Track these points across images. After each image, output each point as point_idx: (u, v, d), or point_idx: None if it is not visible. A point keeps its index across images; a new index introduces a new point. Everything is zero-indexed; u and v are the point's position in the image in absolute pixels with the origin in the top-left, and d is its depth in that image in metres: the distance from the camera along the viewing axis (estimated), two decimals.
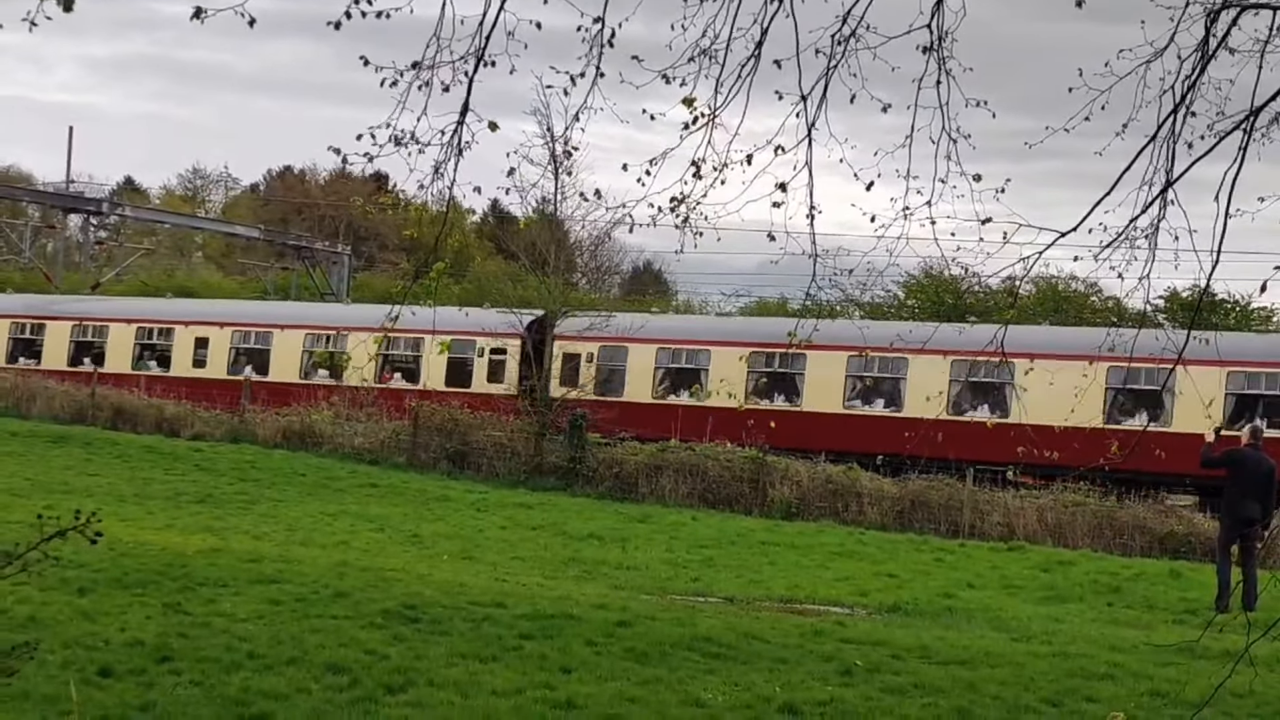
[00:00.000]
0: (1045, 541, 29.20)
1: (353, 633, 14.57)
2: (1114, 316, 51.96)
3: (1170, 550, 28.64)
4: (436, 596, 17.03)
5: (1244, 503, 21.61)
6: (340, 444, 38.35)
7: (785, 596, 20.92)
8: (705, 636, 15.56)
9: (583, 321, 39.70)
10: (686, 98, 9.91)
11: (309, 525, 25.82)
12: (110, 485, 29.38)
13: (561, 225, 40.93)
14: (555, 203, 37.42)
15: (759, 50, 9.97)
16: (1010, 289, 18.45)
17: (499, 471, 36.14)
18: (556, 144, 11.90)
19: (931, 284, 59.67)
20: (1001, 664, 15.32)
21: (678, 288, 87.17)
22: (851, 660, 14.89)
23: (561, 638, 15.02)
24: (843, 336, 31.51)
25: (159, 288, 65.62)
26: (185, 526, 24.10)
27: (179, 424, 41.16)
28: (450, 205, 10.37)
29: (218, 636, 13.99)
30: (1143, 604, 22.12)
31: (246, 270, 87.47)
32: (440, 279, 11.87)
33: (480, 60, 9.51)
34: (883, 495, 32.18)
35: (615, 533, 27.30)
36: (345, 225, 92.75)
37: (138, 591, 16.17)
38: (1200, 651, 15.26)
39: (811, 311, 15.19)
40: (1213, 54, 10.24)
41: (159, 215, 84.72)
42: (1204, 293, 11.85)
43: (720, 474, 33.79)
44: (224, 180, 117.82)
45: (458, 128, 9.74)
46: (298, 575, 17.95)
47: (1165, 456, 25.59)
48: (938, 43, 10.10)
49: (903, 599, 20.94)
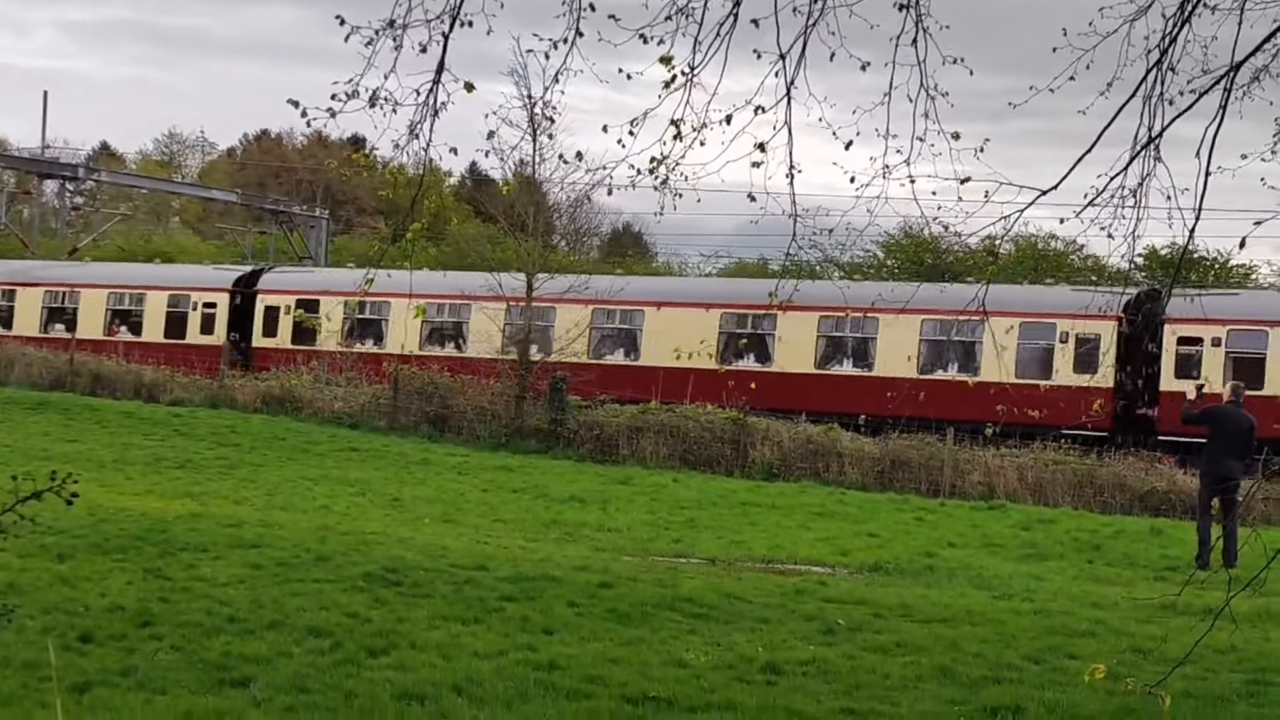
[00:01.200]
0: (1026, 500, 29.27)
1: (334, 596, 14.54)
2: (1094, 275, 52.03)
3: (1151, 507, 28.73)
4: (418, 559, 17.02)
5: (1223, 460, 21.65)
6: (320, 408, 38.30)
7: (767, 557, 20.94)
8: (687, 597, 15.57)
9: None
10: (664, 56, 9.85)
11: (289, 490, 25.78)
12: (90, 451, 29.31)
13: (540, 188, 40.78)
14: (534, 165, 37.32)
15: (737, 8, 9.91)
16: (990, 248, 18.42)
17: (480, 434, 36.11)
18: (535, 106, 11.83)
19: (911, 244, 59.71)
20: (983, 622, 15.34)
21: (657, 249, 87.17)
22: (833, 619, 14.91)
23: (543, 599, 15.01)
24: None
25: (136, 253, 65.43)
26: (165, 492, 24.05)
27: (158, 389, 41.07)
28: (427, 166, 10.30)
29: (198, 601, 13.96)
30: (1123, 561, 22.17)
31: (224, 235, 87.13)
32: (417, 241, 11.80)
33: (456, 19, 9.43)
34: (863, 455, 32.22)
35: (596, 495, 27.31)
36: (323, 189, 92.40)
37: (118, 557, 16.12)
38: (1181, 608, 15.28)
39: (791, 272, 15.09)
40: (1193, 9, 10.20)
41: (135, 180, 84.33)
42: (1184, 250, 11.83)
43: (701, 435, 33.81)
44: (200, 145, 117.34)
45: (433, 87, 9.68)
46: (278, 540, 17.92)
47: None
48: (915, 0, 10.05)
49: (884, 558, 20.96)
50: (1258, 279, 58.77)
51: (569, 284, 38.21)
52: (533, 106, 13.29)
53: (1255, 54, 10.64)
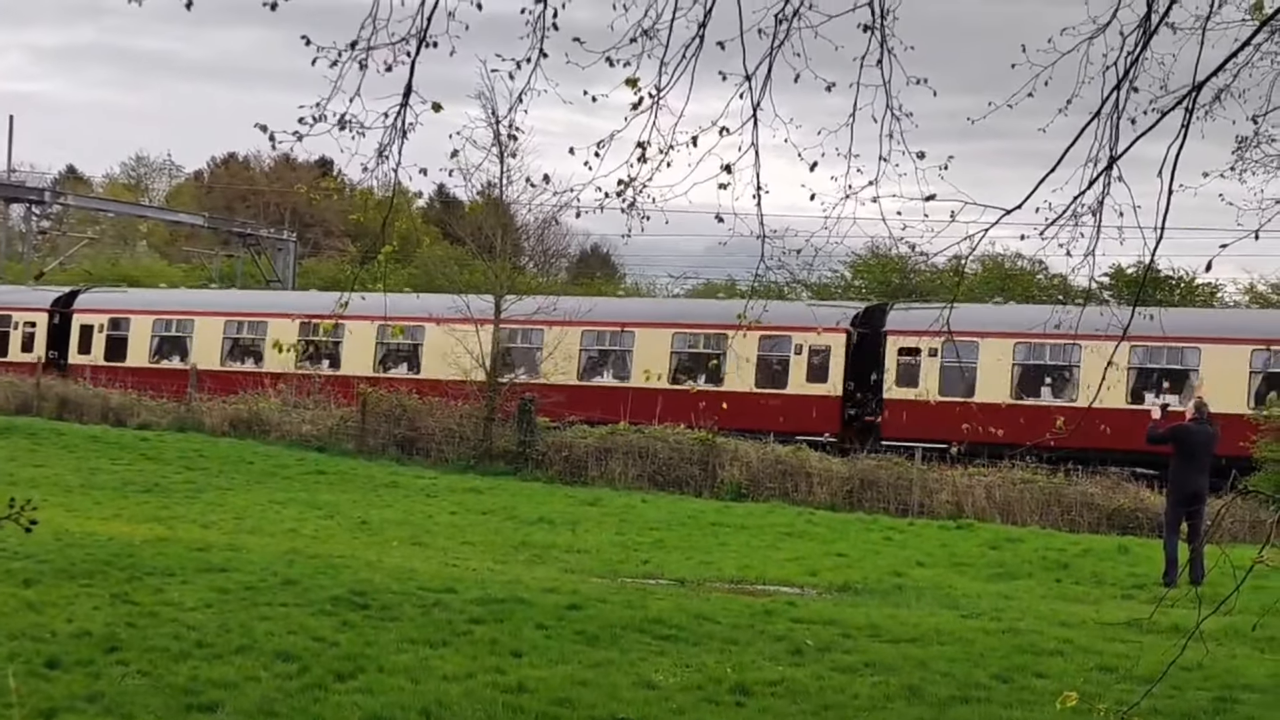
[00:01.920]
0: (994, 519, 29.35)
1: (302, 620, 14.50)
2: (1060, 294, 52.22)
3: (1118, 526, 28.84)
4: (386, 583, 16.98)
5: (1190, 477, 21.73)
6: (288, 431, 38.21)
7: (736, 577, 20.95)
8: (656, 618, 15.56)
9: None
10: (630, 79, 9.86)
11: (257, 513, 25.71)
12: (56, 476, 29.19)
13: (508, 209, 40.81)
14: (501, 187, 37.35)
15: (702, 30, 9.93)
16: (956, 268, 18.49)
17: (448, 457, 36.08)
18: (501, 126, 11.86)
19: (878, 264, 59.83)
20: (951, 641, 15.37)
21: (626, 271, 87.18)
22: (802, 640, 14.92)
23: (512, 622, 14.99)
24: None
25: (103, 277, 65.24)
26: (132, 516, 23.96)
27: (125, 413, 40.94)
28: (396, 189, 10.30)
29: (165, 626, 13.90)
30: (1091, 580, 22.23)
31: (191, 258, 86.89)
32: (388, 263, 11.81)
33: (422, 41, 9.44)
34: (832, 475, 32.27)
35: (565, 516, 27.29)
36: (290, 212, 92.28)
37: (85, 582, 16.05)
38: (1148, 626, 15.37)
39: (758, 291, 15.11)
40: (1155, 29, 10.26)
41: (102, 204, 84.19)
42: (1148, 269, 11.88)
43: (670, 456, 33.82)
44: (168, 168, 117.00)
45: (401, 109, 9.68)
46: (246, 563, 17.86)
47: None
48: (879, 21, 10.09)
49: (853, 578, 20.99)
50: (1223, 297, 59.01)
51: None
52: (498, 127, 13.32)
53: (1217, 74, 10.71)
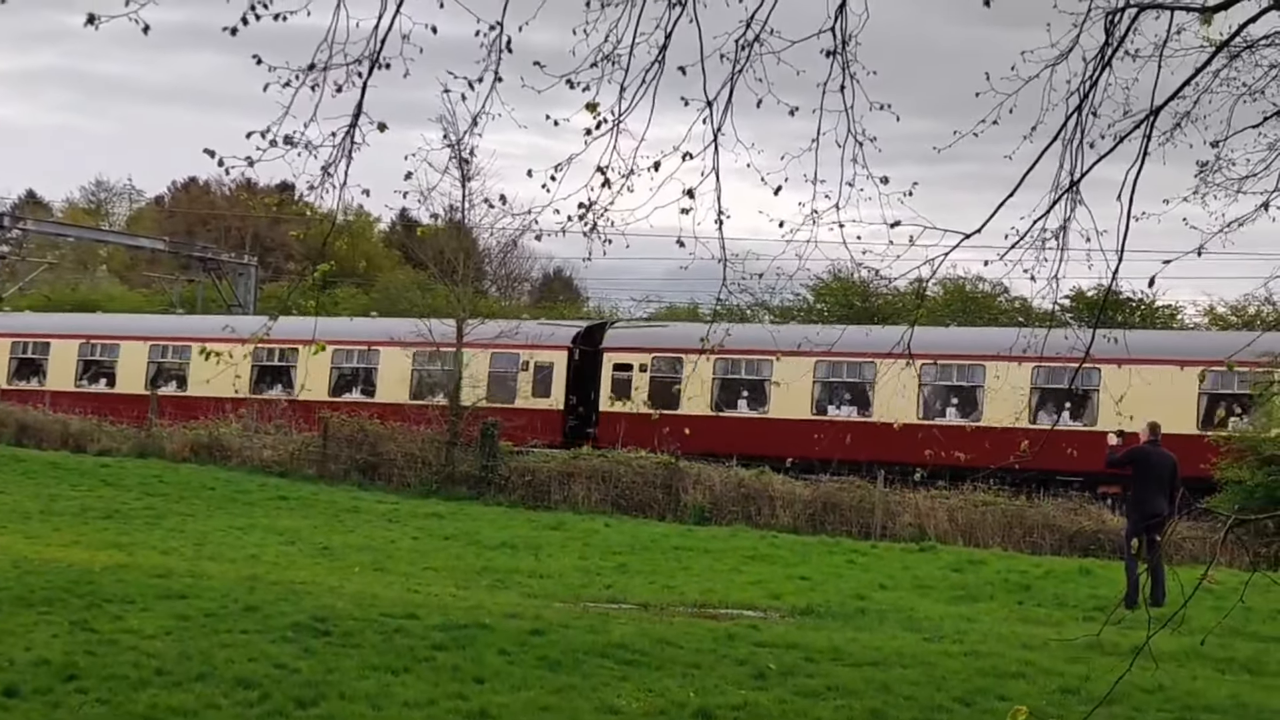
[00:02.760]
0: (956, 541, 29.42)
1: (262, 647, 14.42)
2: (1021, 316, 52.45)
3: (1080, 548, 28.93)
4: (348, 609, 16.91)
5: (1149, 499, 21.80)
6: (249, 456, 38.05)
7: (699, 601, 20.92)
8: (619, 643, 15.53)
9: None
10: (590, 103, 9.87)
11: (218, 539, 25.57)
12: (15, 502, 28.96)
13: (469, 233, 40.84)
14: (463, 210, 37.34)
15: (663, 55, 9.95)
16: (918, 290, 18.55)
17: (410, 482, 35.98)
18: (459, 148, 11.89)
19: (840, 287, 59.98)
20: (914, 664, 15.39)
21: (589, 294, 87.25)
22: (765, 664, 14.91)
23: (474, 647, 14.94)
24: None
25: (62, 302, 64.98)
26: (92, 543, 23.80)
27: (85, 439, 40.69)
28: (339, 208, 10.24)
29: (125, 654, 13.80)
30: (1053, 602, 22.28)
31: (151, 283, 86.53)
32: (322, 278, 11.66)
33: (375, 63, 9.42)
34: (795, 498, 32.28)
35: (528, 541, 27.23)
36: (251, 236, 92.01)
37: (44, 610, 15.92)
38: (1109, 648, 15.43)
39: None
40: (1113, 54, 10.34)
41: (62, 229, 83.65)
42: (1108, 292, 11.94)
43: (633, 480, 33.80)
44: (128, 192, 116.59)
45: (350, 130, 9.65)
46: (207, 590, 17.76)
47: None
48: (841, 47, 10.12)
49: (815, 601, 21.00)
50: (1183, 319, 59.32)
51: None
52: (458, 148, 13.29)
53: (1175, 99, 10.80)
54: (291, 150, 9.38)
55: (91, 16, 8.46)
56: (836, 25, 10.09)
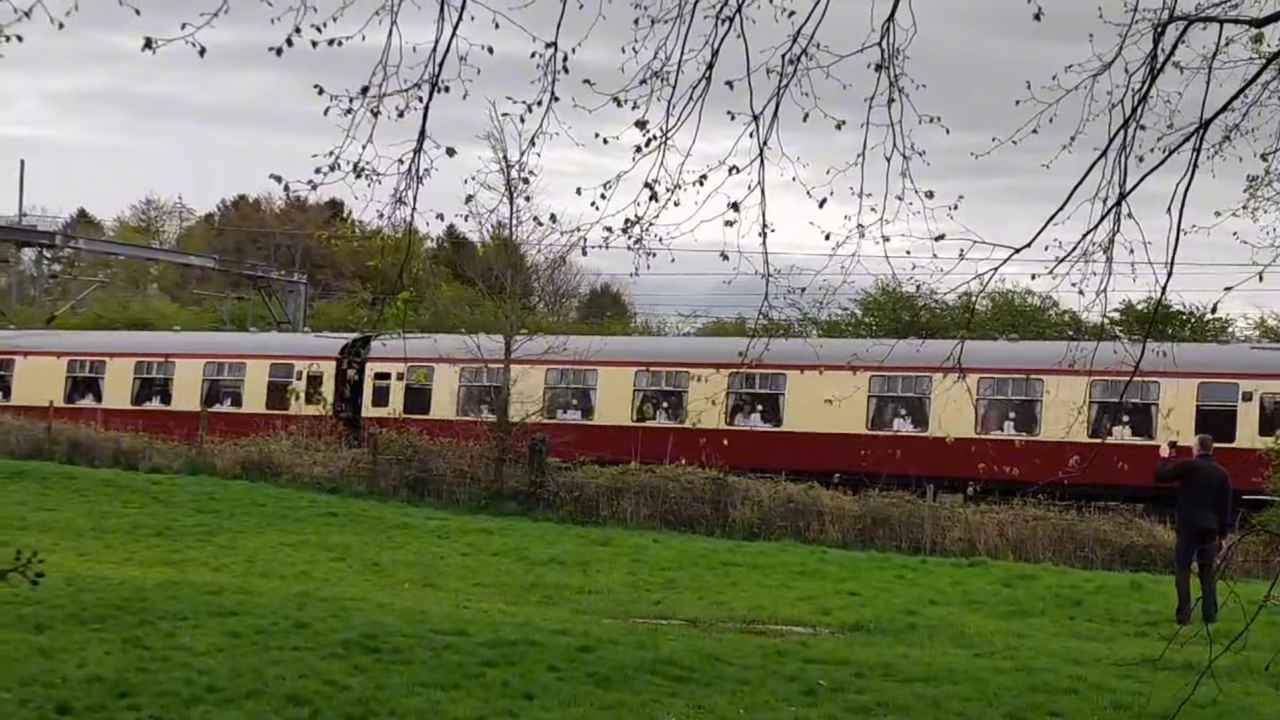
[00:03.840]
0: (1006, 556, 29.25)
1: (313, 664, 14.47)
2: (1070, 330, 52.21)
3: (1131, 562, 28.75)
4: (397, 625, 16.94)
5: (1199, 513, 21.67)
6: (299, 473, 38.19)
7: (748, 617, 20.88)
8: (668, 659, 15.51)
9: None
10: (639, 120, 9.89)
11: (269, 556, 25.66)
12: (68, 520, 29.14)
13: (518, 250, 40.92)
14: (511, 227, 37.40)
15: (710, 71, 9.96)
16: (966, 305, 18.50)
17: (459, 498, 36.02)
18: (512, 170, 11.98)
19: (889, 301, 59.86)
20: (965, 680, 15.31)
21: (636, 309, 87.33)
22: (815, 680, 14.87)
23: (523, 664, 14.95)
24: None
25: (113, 320, 65.43)
26: (144, 560, 23.94)
27: (136, 457, 40.92)
28: (411, 234, 10.31)
29: (177, 670, 13.88)
30: (1105, 617, 22.15)
31: (202, 301, 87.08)
32: (405, 308, 11.81)
33: (435, 86, 9.47)
34: (844, 513, 32.18)
35: (577, 557, 27.22)
36: (301, 253, 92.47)
37: (96, 627, 16.03)
38: (1162, 663, 15.30)
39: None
40: (1161, 67, 10.29)
41: (113, 247, 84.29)
42: (1159, 305, 11.88)
43: (681, 495, 33.77)
44: (178, 210, 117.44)
45: (415, 155, 9.70)
46: (257, 607, 17.83)
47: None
48: (889, 61, 10.11)
49: (865, 617, 20.93)
50: (1234, 333, 58.96)
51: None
52: (509, 169, 13.37)
53: (1224, 111, 10.74)
54: (359, 178, 9.45)
55: (149, 41, 8.53)
56: (884, 40, 10.08)
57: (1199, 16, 10.49)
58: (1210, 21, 10.61)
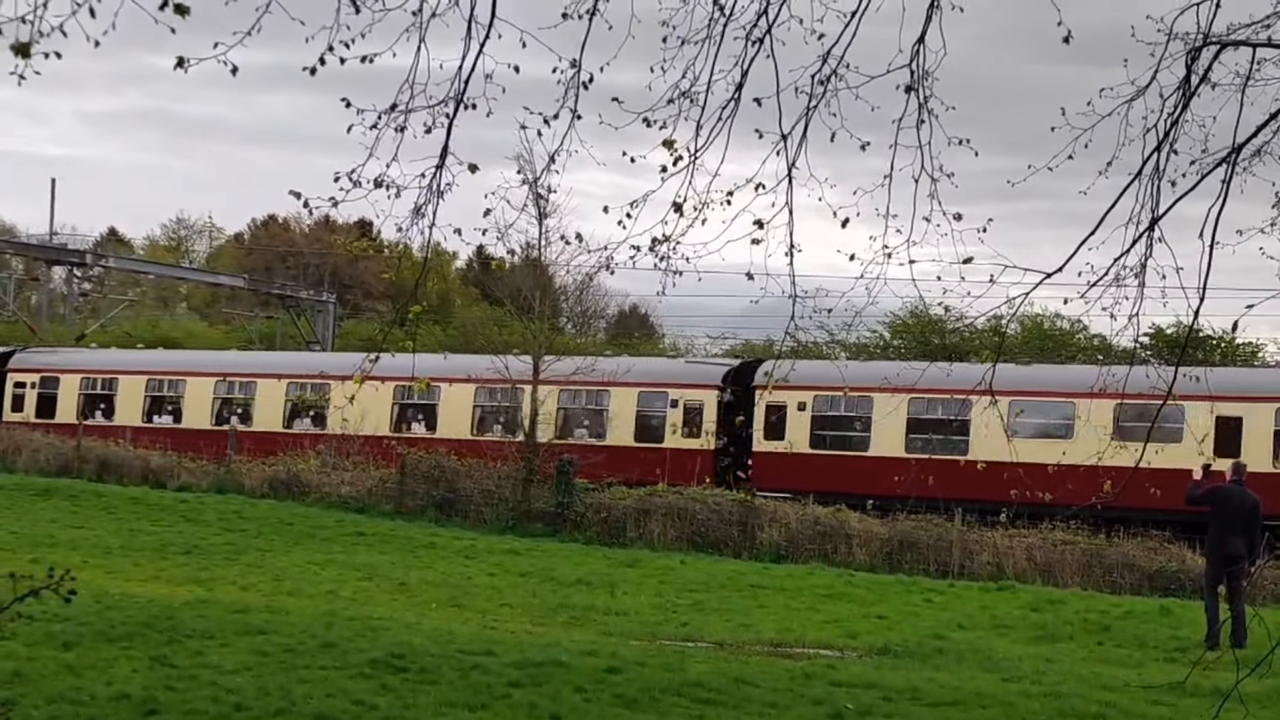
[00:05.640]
0: (1035, 580, 29.14)
1: (341, 683, 14.47)
2: (1100, 354, 52.00)
3: (1160, 587, 28.61)
4: (425, 645, 16.94)
5: (1227, 539, 21.57)
6: (327, 492, 38.23)
7: (775, 640, 20.85)
8: (695, 681, 15.49)
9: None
10: (667, 140, 9.91)
11: (296, 574, 25.69)
12: (96, 537, 29.24)
13: (545, 270, 40.97)
14: (540, 247, 37.46)
15: (739, 92, 9.98)
16: (996, 328, 18.45)
17: (486, 518, 36.02)
18: (536, 186, 12.01)
19: (917, 324, 59.72)
20: (993, 705, 15.25)
21: (664, 330, 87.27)
22: (842, 703, 14.82)
23: (551, 685, 14.94)
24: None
25: (142, 338, 65.61)
26: (172, 578, 24.00)
27: (165, 475, 41.04)
28: (430, 248, 10.33)
29: (205, 689, 13.89)
30: (1133, 642, 22.06)
31: (231, 320, 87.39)
32: (418, 321, 11.80)
33: (460, 103, 9.50)
34: (871, 536, 32.09)
35: (604, 578, 27.20)
36: (330, 273, 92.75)
37: (124, 644, 16.05)
38: (1191, 689, 15.24)
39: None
40: (1194, 91, 10.27)
41: (143, 266, 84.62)
42: (1190, 330, 11.84)
43: (708, 517, 33.71)
44: (208, 229, 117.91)
45: (438, 170, 9.74)
46: (285, 625, 17.85)
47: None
48: (918, 82, 10.11)
49: (893, 640, 20.87)
50: (1265, 357, 58.70)
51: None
52: (535, 187, 13.38)
53: (1257, 134, 10.70)
54: (377, 191, 9.49)
55: (181, 60, 8.58)
56: (914, 62, 10.08)
57: (1231, 40, 10.47)
58: (1242, 44, 10.58)
